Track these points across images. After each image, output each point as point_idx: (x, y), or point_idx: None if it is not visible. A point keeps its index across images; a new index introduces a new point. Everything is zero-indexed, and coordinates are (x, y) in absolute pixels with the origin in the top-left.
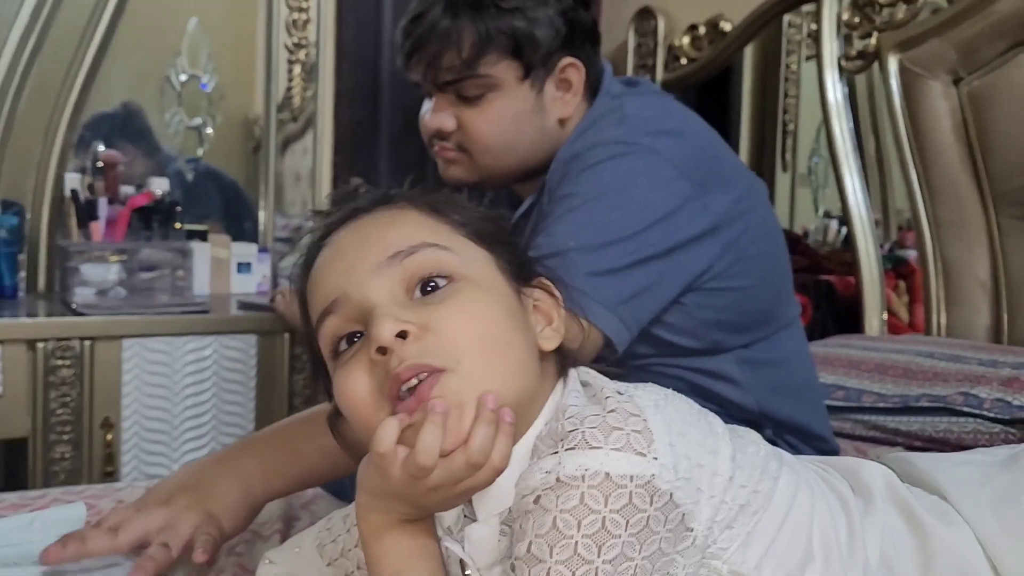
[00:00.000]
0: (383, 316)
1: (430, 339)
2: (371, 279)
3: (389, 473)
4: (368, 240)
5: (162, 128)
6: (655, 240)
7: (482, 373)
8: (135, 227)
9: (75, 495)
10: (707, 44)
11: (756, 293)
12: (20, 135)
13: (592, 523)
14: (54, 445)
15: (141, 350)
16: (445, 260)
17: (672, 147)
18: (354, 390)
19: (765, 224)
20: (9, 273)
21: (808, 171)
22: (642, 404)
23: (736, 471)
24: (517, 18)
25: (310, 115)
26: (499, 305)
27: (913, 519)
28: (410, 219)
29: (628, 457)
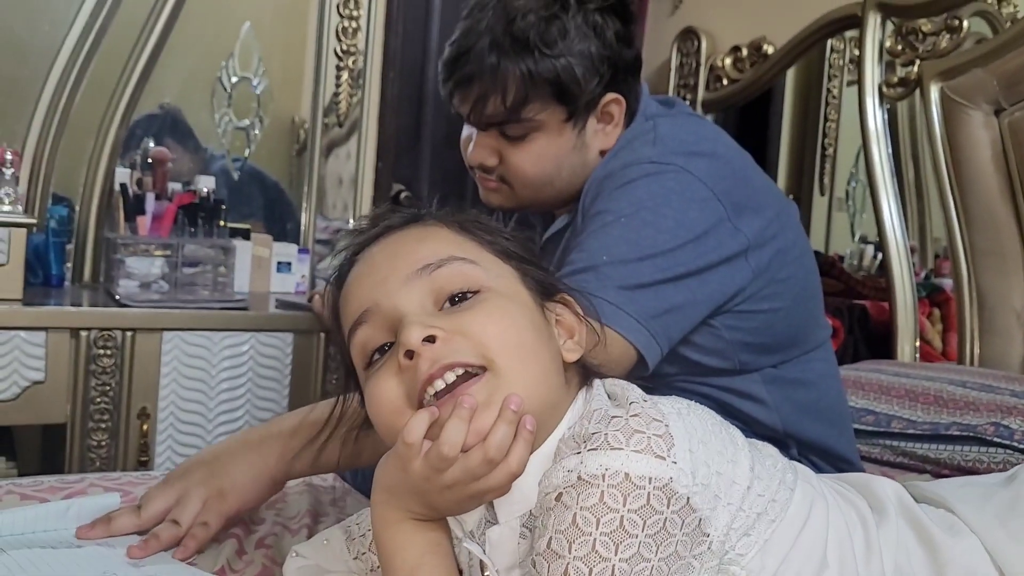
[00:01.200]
0: (412, 322)
1: (459, 341)
2: (401, 290)
3: (411, 465)
4: (399, 254)
5: (211, 128)
6: (687, 259)
7: (512, 375)
8: (180, 223)
9: (111, 481)
10: (749, 66)
11: (786, 316)
12: (74, 129)
13: (611, 521)
14: (92, 432)
15: (180, 343)
16: (473, 273)
17: (705, 168)
18: (383, 395)
19: (796, 247)
20: (57, 263)
21: (846, 196)
22: (665, 411)
23: (754, 481)
24: (561, 63)
25: (355, 120)
26: (525, 316)
27: (923, 531)
28: (440, 235)
29: (648, 459)
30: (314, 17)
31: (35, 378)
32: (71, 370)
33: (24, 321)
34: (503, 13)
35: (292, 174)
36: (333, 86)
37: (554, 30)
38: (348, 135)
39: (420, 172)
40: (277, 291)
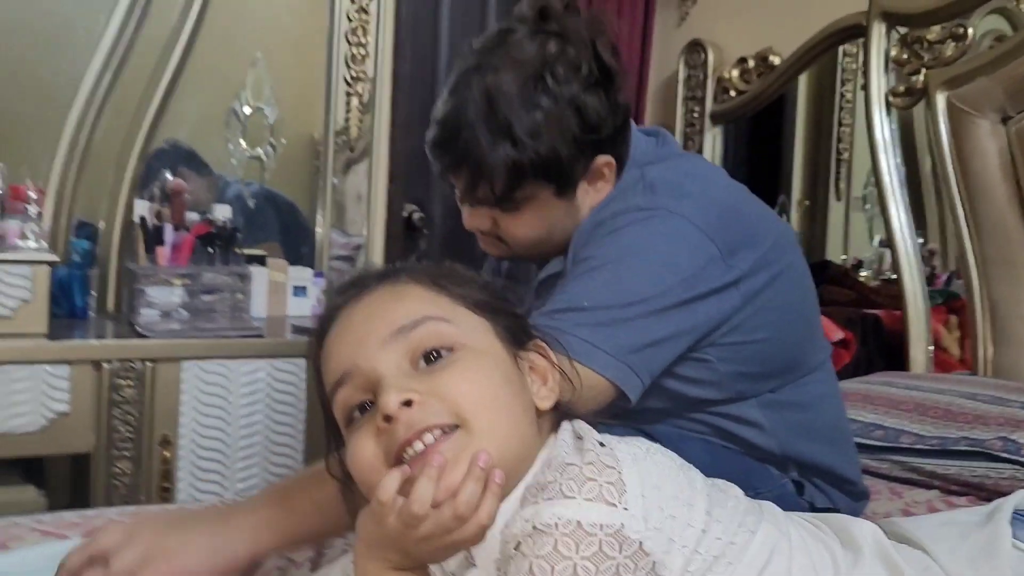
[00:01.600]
0: (389, 387)
1: (434, 403)
2: (379, 352)
3: (386, 521)
4: (374, 316)
5: (226, 157)
6: (673, 295)
7: (483, 432)
8: (198, 251)
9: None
10: (756, 77)
11: (781, 343)
12: (95, 164)
13: (564, 569)
14: (116, 461)
15: (199, 371)
16: (446, 332)
17: (694, 209)
18: (362, 455)
19: (792, 272)
20: (80, 294)
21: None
22: (620, 456)
23: (711, 524)
24: (545, 149)
25: (367, 144)
26: (497, 370)
27: (897, 572)
28: (413, 294)
29: (599, 507)
30: (324, 45)
31: (61, 409)
32: (95, 401)
33: (49, 355)
34: (484, 97)
35: (312, 192)
36: (344, 111)
37: (537, 116)
38: (361, 157)
39: (431, 193)
40: (293, 315)
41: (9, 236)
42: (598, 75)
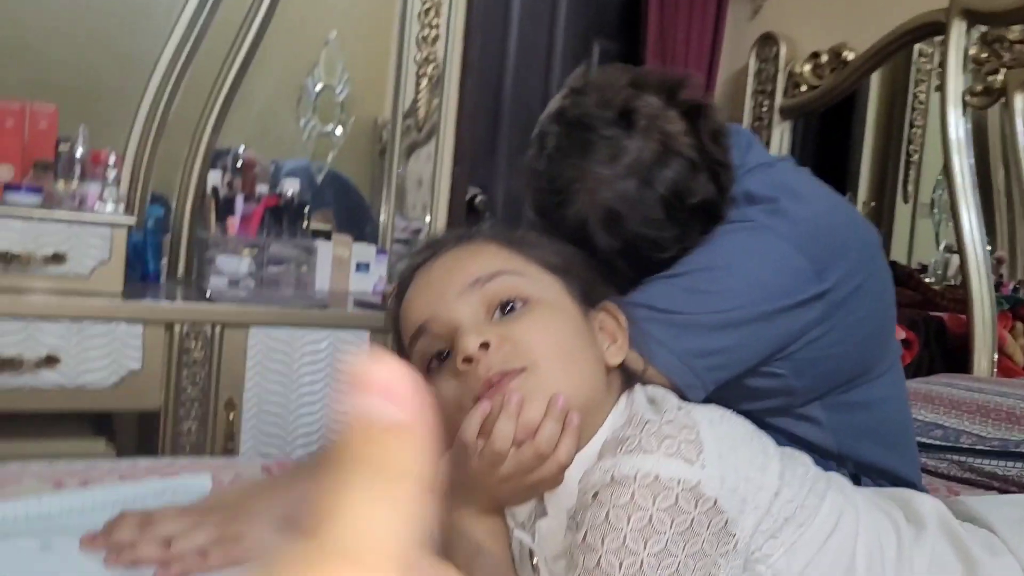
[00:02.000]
0: (467, 331)
1: (509, 348)
2: (456, 302)
3: (469, 462)
4: (453, 269)
5: (296, 133)
6: (752, 308)
7: (555, 377)
8: (267, 224)
9: (201, 465)
10: (828, 72)
11: (855, 354)
12: (171, 135)
13: (640, 519)
14: (182, 420)
15: (265, 338)
16: (520, 285)
17: (789, 223)
18: (445, 397)
19: (875, 281)
20: (154, 259)
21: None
22: (697, 418)
23: (783, 487)
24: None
25: (433, 125)
26: (569, 322)
27: (962, 548)
28: (489, 251)
29: (677, 463)
30: (396, 25)
31: (133, 367)
32: (165, 361)
33: (124, 314)
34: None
35: (374, 174)
36: (413, 92)
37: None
38: (427, 139)
39: (495, 177)
40: (355, 290)
41: (89, 199)
42: (704, 162)
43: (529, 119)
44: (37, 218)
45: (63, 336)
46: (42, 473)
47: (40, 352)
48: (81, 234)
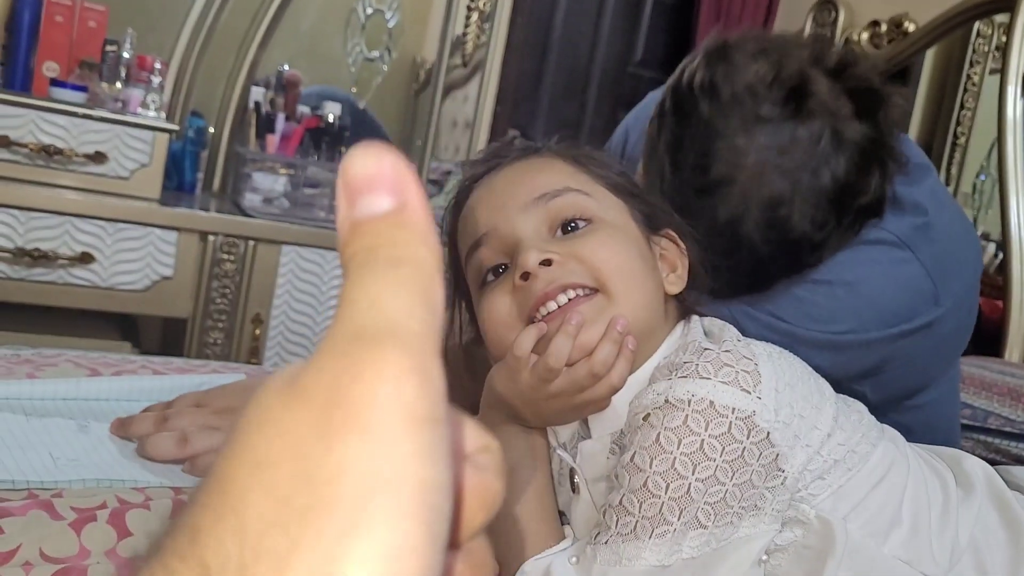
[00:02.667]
0: (529, 247)
1: (573, 264)
2: (519, 216)
3: (519, 376)
4: (518, 182)
5: (342, 56)
6: (860, 332)
7: (619, 298)
8: (306, 145)
9: (231, 369)
10: (887, 43)
11: (936, 367)
12: (217, 47)
13: (691, 443)
14: (209, 331)
15: (296, 257)
16: (585, 204)
17: (931, 243)
18: (497, 310)
19: (971, 295)
20: (191, 170)
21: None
22: (756, 351)
23: (836, 430)
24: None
25: (479, 62)
26: (632, 246)
27: (1009, 513)
28: (556, 167)
29: (733, 391)
30: None
31: (165, 273)
32: (197, 270)
33: (160, 220)
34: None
35: (407, 113)
36: (462, 26)
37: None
38: (469, 77)
39: (536, 119)
40: None
41: (132, 103)
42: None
43: (576, 61)
44: (81, 115)
45: (98, 236)
46: (78, 361)
47: (75, 249)
48: (123, 136)
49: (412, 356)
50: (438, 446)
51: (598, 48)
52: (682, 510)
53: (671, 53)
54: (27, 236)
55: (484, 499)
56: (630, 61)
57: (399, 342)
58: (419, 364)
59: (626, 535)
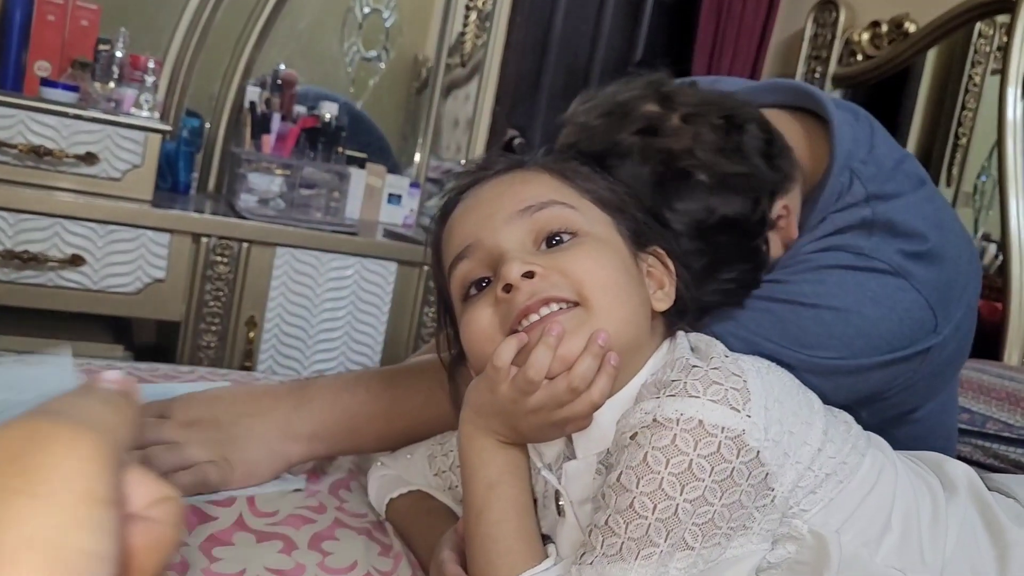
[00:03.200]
0: (512, 258)
1: (556, 277)
2: (503, 228)
3: (498, 388)
4: (503, 194)
5: (339, 55)
6: (851, 361)
7: (602, 312)
8: (302, 145)
9: (219, 376)
10: (887, 43)
11: (936, 387)
12: (212, 45)
13: (679, 463)
14: (202, 334)
15: (291, 259)
16: (571, 217)
17: (932, 271)
18: (479, 324)
19: (971, 316)
20: (185, 170)
21: (973, 190)
22: (745, 367)
23: (826, 444)
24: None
25: (478, 62)
26: (618, 260)
27: (990, 514)
28: (542, 180)
29: (723, 410)
30: None
31: (157, 276)
32: (190, 272)
33: (152, 221)
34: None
35: (408, 111)
36: (460, 26)
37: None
38: (469, 76)
39: (535, 119)
40: (385, 221)
41: (125, 103)
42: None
43: (575, 63)
44: (72, 115)
45: (89, 238)
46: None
47: (66, 251)
48: (115, 136)
49: (102, 443)
50: (107, 524)
51: (598, 47)
52: (669, 531)
53: (672, 52)
54: (17, 238)
55: (156, 549)
56: (630, 60)
57: (94, 430)
58: (106, 452)
59: (612, 556)
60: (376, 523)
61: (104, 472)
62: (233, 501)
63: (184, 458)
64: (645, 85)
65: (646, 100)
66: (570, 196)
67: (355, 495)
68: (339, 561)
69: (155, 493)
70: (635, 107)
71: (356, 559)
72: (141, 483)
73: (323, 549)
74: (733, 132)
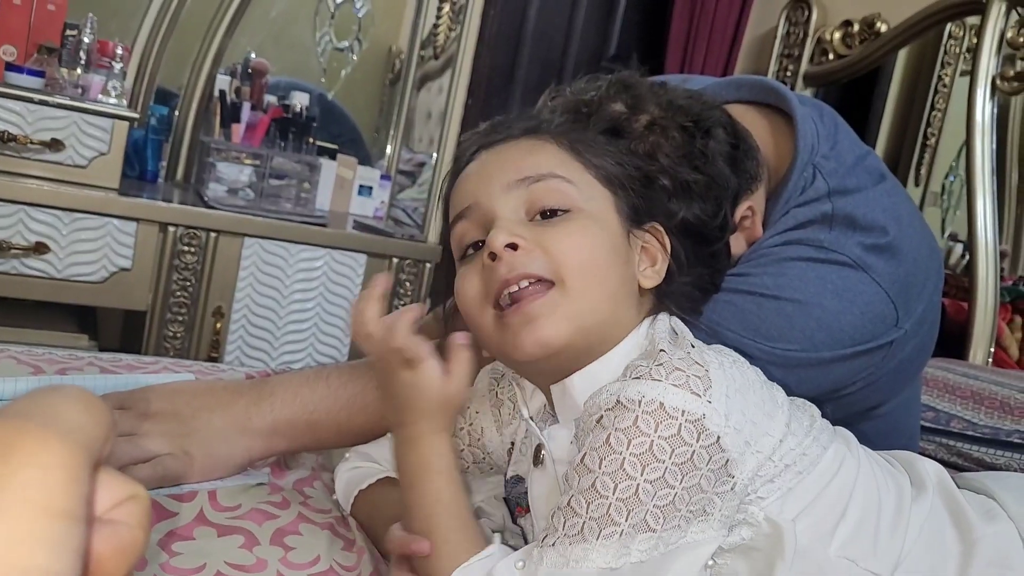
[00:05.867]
0: (500, 227)
1: (538, 254)
2: (500, 195)
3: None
4: (507, 161)
5: (311, 45)
6: (812, 353)
7: (576, 294)
8: (272, 135)
9: (184, 367)
10: (858, 43)
11: (900, 384)
12: (182, 33)
13: (640, 444)
14: (169, 323)
15: (259, 250)
16: (566, 192)
17: (893, 264)
18: (466, 289)
19: (933, 310)
20: (153, 159)
21: (942, 190)
22: (708, 358)
23: (788, 436)
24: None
25: (451, 55)
26: (606, 239)
27: (958, 509)
28: (548, 150)
29: (684, 394)
30: None
31: (123, 265)
32: (156, 262)
33: (118, 210)
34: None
35: (382, 103)
36: (434, 18)
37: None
38: (442, 69)
39: (510, 112)
40: (356, 213)
41: (92, 89)
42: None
43: (549, 57)
44: (37, 101)
45: (54, 226)
46: (21, 357)
47: (29, 239)
48: (81, 123)
49: (70, 451)
50: (67, 540)
51: (572, 42)
52: (630, 511)
53: (645, 47)
54: None
55: (123, 554)
56: (604, 55)
57: (63, 436)
58: (73, 461)
59: (573, 536)
60: (340, 518)
61: (70, 483)
62: (195, 495)
63: (144, 451)
64: (614, 84)
65: (614, 100)
66: (573, 170)
67: (318, 491)
68: (301, 556)
69: (121, 492)
70: (602, 106)
71: (319, 554)
72: (106, 483)
73: (286, 544)
74: (699, 136)
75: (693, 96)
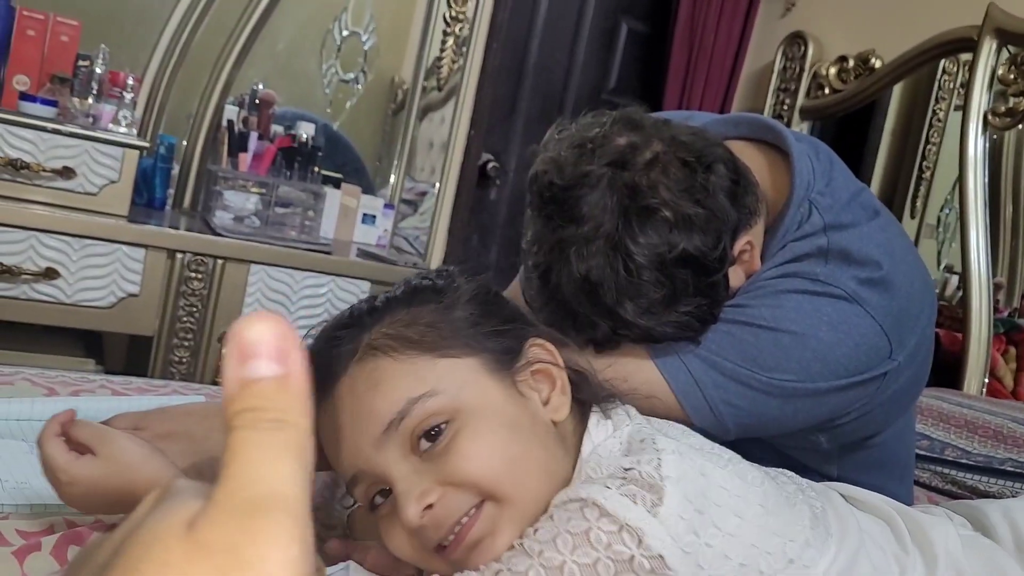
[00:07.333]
0: (406, 498)
1: (452, 492)
2: (377, 454)
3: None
4: (359, 414)
5: (317, 77)
6: (808, 385)
7: (510, 498)
8: (278, 164)
9: (192, 391)
10: (853, 77)
11: (895, 413)
12: (191, 63)
13: (578, 526)
14: (175, 349)
15: (265, 276)
16: (435, 407)
17: (887, 298)
18: (402, 550)
19: (927, 343)
20: (161, 187)
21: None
22: (667, 472)
23: (760, 556)
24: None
25: (454, 86)
26: (500, 425)
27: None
28: (387, 375)
29: (628, 504)
30: None
31: (131, 291)
32: (164, 288)
33: (127, 236)
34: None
35: (385, 133)
36: (438, 50)
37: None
38: (445, 100)
39: (511, 144)
40: (359, 241)
41: (103, 118)
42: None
43: (551, 87)
44: (50, 130)
45: (64, 251)
46: (35, 379)
47: (40, 264)
48: (92, 151)
49: (296, 523)
50: None
51: (573, 75)
52: None
53: (644, 81)
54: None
55: None
56: (604, 88)
57: (286, 510)
58: (301, 530)
59: None
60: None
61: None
62: None
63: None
64: (619, 119)
65: (620, 134)
66: (423, 375)
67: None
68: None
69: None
70: (608, 140)
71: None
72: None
73: None
74: (701, 171)
75: (695, 132)
